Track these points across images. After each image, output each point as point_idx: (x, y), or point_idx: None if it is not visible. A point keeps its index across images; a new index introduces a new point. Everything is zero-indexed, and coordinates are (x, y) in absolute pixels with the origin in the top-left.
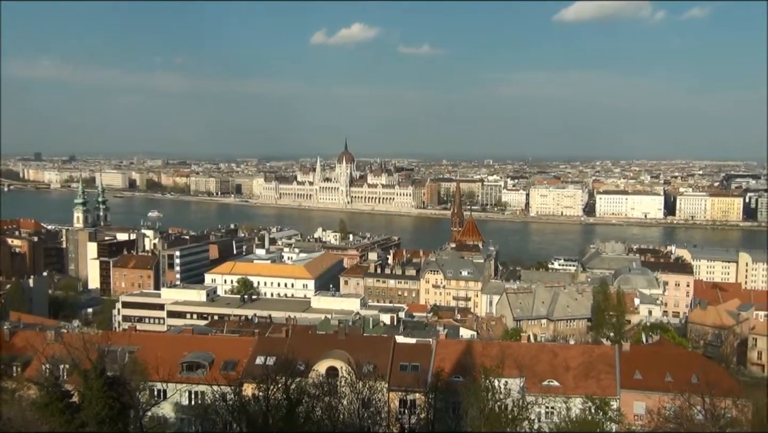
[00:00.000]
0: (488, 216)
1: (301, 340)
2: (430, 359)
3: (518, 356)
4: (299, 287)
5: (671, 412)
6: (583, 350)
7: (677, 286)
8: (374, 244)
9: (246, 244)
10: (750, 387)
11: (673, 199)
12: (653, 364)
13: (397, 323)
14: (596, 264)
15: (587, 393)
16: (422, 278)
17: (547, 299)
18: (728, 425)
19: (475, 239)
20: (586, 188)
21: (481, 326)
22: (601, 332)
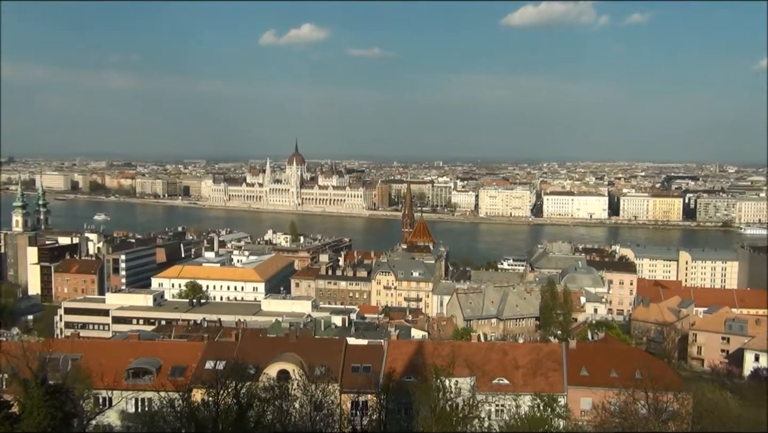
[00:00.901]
0: (439, 217)
1: (251, 343)
2: (382, 360)
3: (469, 355)
4: (249, 290)
5: (616, 407)
6: (531, 348)
7: (621, 284)
8: (325, 246)
9: (194, 247)
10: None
11: (617, 200)
12: (599, 360)
13: (348, 325)
14: (544, 264)
15: (536, 390)
16: (374, 279)
17: (497, 299)
18: (670, 419)
19: (425, 240)
20: (533, 189)
21: (432, 326)
22: (549, 330)
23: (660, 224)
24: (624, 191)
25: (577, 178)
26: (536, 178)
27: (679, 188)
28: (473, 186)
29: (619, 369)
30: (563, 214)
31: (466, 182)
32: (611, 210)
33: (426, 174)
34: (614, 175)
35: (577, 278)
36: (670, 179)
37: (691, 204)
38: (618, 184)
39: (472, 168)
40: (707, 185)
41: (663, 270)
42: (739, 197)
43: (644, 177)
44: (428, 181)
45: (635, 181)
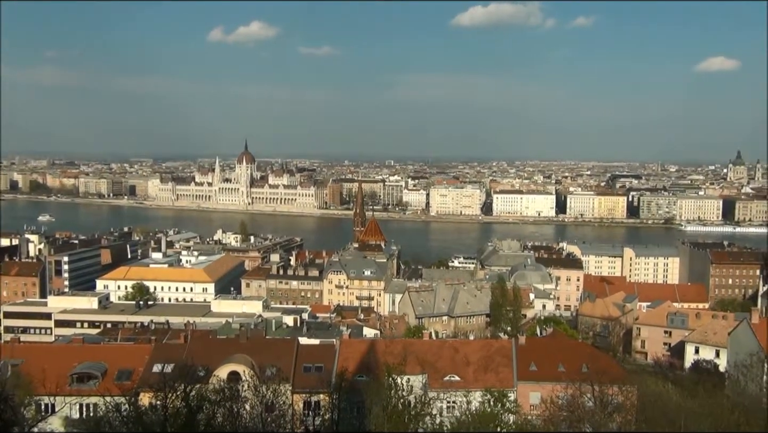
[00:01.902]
0: (390, 216)
1: (200, 345)
2: (334, 360)
3: (420, 353)
4: (198, 291)
5: (564, 400)
6: (482, 345)
7: (568, 280)
8: (276, 245)
9: (141, 248)
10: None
11: (564, 198)
12: (547, 355)
13: (300, 325)
14: (494, 261)
15: (486, 386)
16: (325, 278)
17: (448, 297)
18: (615, 411)
19: (377, 238)
20: (483, 188)
21: (384, 324)
22: (499, 327)
23: (605, 221)
24: (571, 190)
25: (525, 177)
26: (486, 177)
27: (623, 187)
28: (424, 185)
29: (567, 364)
30: (512, 212)
31: (417, 181)
32: (558, 208)
33: (377, 173)
34: (561, 174)
35: (526, 275)
36: (615, 178)
37: (634, 202)
38: (565, 183)
39: (423, 167)
40: (650, 184)
41: (608, 266)
42: (680, 195)
43: (590, 176)
44: (380, 180)
45: (581, 180)
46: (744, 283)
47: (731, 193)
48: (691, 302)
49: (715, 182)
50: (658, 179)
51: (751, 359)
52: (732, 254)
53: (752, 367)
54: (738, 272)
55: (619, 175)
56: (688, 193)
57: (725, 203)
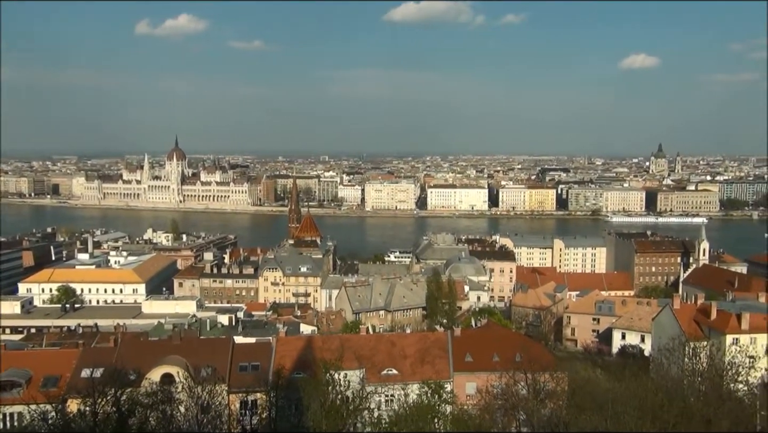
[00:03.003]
0: (325, 212)
1: (131, 348)
2: (271, 358)
3: (358, 347)
4: (129, 292)
5: (498, 389)
6: (418, 338)
7: (502, 272)
8: (209, 243)
9: (66, 249)
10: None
11: (496, 192)
12: (482, 346)
13: (235, 324)
14: (429, 255)
15: (424, 378)
16: (260, 276)
17: (385, 291)
18: (547, 397)
19: (312, 234)
20: (418, 183)
21: (321, 320)
22: (435, 319)
23: (536, 214)
24: (503, 184)
25: (459, 171)
26: (420, 171)
27: (553, 180)
28: (359, 180)
29: (501, 353)
30: (447, 206)
31: (352, 177)
32: (491, 202)
33: (312, 169)
34: (493, 168)
35: (461, 267)
36: (545, 171)
37: (563, 195)
38: (497, 177)
39: (357, 162)
40: (578, 177)
41: (539, 257)
42: (606, 187)
43: (521, 169)
44: (314, 176)
45: (513, 173)
46: (666, 270)
47: (653, 185)
48: (618, 290)
49: (638, 175)
50: (586, 172)
51: (673, 342)
52: (655, 243)
53: (674, 350)
54: (660, 260)
55: (548, 169)
56: (614, 186)
57: (648, 195)
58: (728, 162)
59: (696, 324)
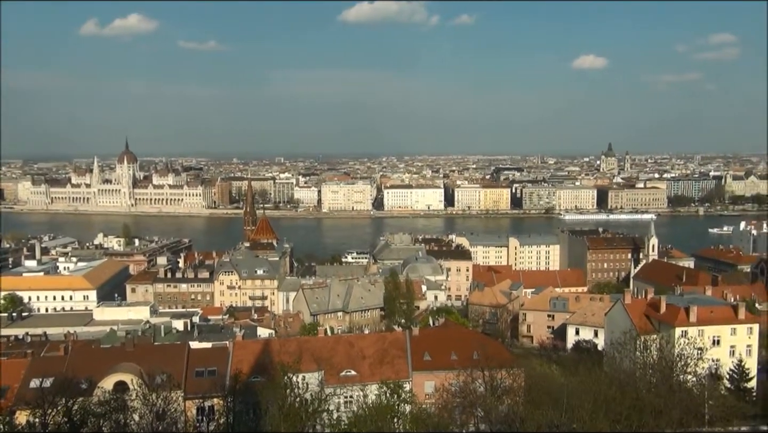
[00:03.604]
0: (281, 214)
1: (83, 356)
2: (227, 362)
3: (316, 349)
4: (79, 298)
5: (457, 387)
6: (377, 338)
7: (458, 271)
8: (163, 247)
9: (12, 255)
10: (522, 357)
11: (452, 192)
12: (440, 345)
13: (191, 329)
14: (386, 255)
15: (382, 379)
16: (216, 279)
17: (342, 292)
18: (505, 393)
19: (269, 237)
20: (374, 184)
21: (279, 323)
22: (393, 320)
23: (491, 213)
24: (458, 183)
25: (414, 171)
26: (376, 172)
27: (507, 179)
28: (315, 181)
29: (459, 352)
30: (403, 206)
31: (308, 178)
32: (447, 201)
33: (267, 170)
34: (449, 168)
35: (418, 267)
36: (499, 171)
37: (517, 194)
38: (452, 177)
39: (313, 164)
40: (531, 176)
41: (495, 256)
42: (559, 186)
43: (475, 169)
44: (270, 178)
45: (468, 173)
46: (617, 266)
47: (604, 183)
48: (571, 287)
49: (589, 173)
50: (539, 171)
51: (625, 336)
52: (606, 240)
53: (626, 344)
54: (612, 256)
55: (502, 168)
56: (566, 184)
57: (599, 192)
58: (675, 160)
59: (646, 318)
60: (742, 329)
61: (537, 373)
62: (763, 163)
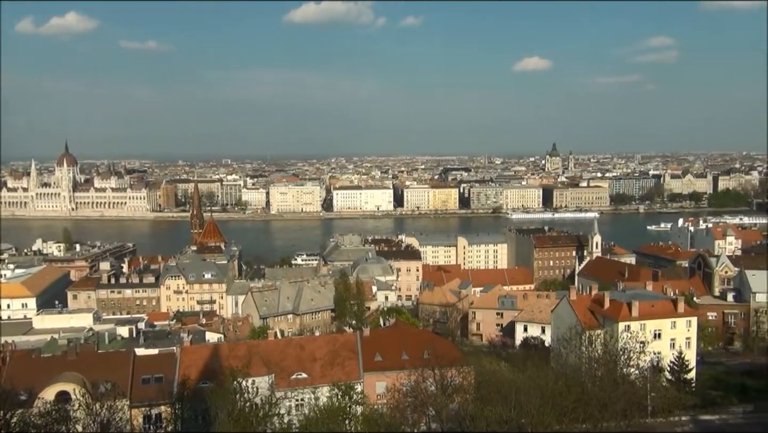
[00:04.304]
0: (229, 216)
1: (21, 366)
2: (175, 369)
3: (266, 353)
4: (17, 306)
5: (408, 387)
6: (328, 340)
7: (408, 271)
8: (106, 252)
9: None
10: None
11: (401, 192)
12: (391, 345)
13: (136, 335)
14: (336, 256)
15: (334, 380)
16: (162, 284)
17: (292, 295)
18: (455, 392)
19: (216, 240)
20: (323, 185)
21: (228, 327)
22: (344, 321)
23: (440, 213)
24: (407, 184)
25: (363, 172)
26: (325, 173)
27: (455, 179)
28: (263, 183)
29: (410, 351)
30: (353, 207)
31: (256, 180)
32: (396, 202)
33: (214, 172)
34: (398, 169)
35: (368, 268)
36: (447, 171)
37: (465, 194)
38: (401, 178)
39: (261, 165)
40: (478, 176)
41: (444, 255)
42: (506, 186)
43: (424, 170)
44: (217, 180)
45: (416, 174)
46: (563, 264)
47: (549, 182)
48: (519, 285)
49: (535, 173)
50: (486, 171)
51: (571, 332)
52: (552, 238)
53: (571, 339)
54: (557, 254)
55: (450, 169)
56: (513, 184)
57: (544, 192)
58: (616, 159)
59: (591, 314)
60: (682, 322)
61: (486, 370)
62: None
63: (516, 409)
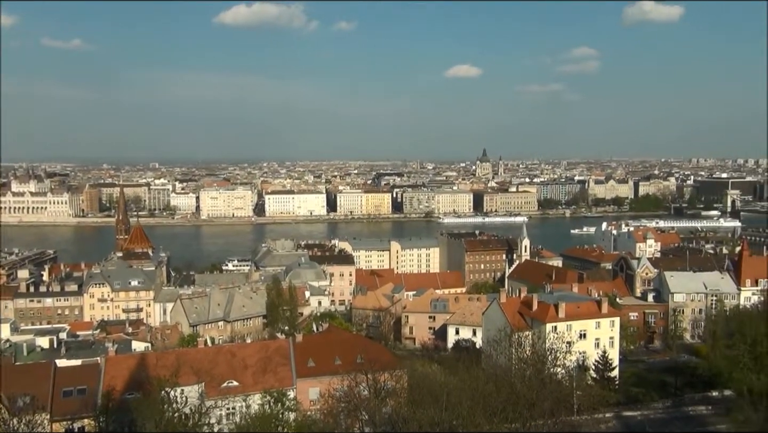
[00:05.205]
0: (157, 221)
1: None
2: (99, 380)
3: (195, 361)
4: None
5: (341, 392)
6: (260, 347)
7: (342, 276)
8: (24, 260)
9: None
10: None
11: (335, 197)
12: (324, 351)
13: (57, 346)
14: (268, 262)
15: (266, 388)
16: (86, 292)
17: (223, 301)
18: (388, 395)
19: (143, 246)
20: (255, 189)
21: (156, 336)
22: (277, 327)
23: (373, 217)
24: (340, 189)
25: (296, 177)
26: (257, 178)
27: (388, 184)
28: (193, 188)
29: (343, 356)
30: (285, 212)
31: (185, 184)
32: (330, 207)
33: (141, 176)
34: (331, 174)
35: (301, 273)
36: (380, 176)
37: (398, 198)
38: (334, 182)
39: (191, 169)
40: (411, 181)
41: (377, 260)
42: (437, 191)
43: (357, 174)
44: (144, 184)
45: (350, 178)
46: (493, 267)
47: (480, 187)
48: (451, 288)
49: (466, 178)
50: (418, 176)
51: (500, 334)
52: (482, 242)
53: (501, 341)
54: (488, 258)
55: (383, 174)
56: (444, 189)
57: (475, 196)
58: (544, 165)
59: (520, 315)
60: (606, 322)
61: (419, 373)
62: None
63: (448, 410)
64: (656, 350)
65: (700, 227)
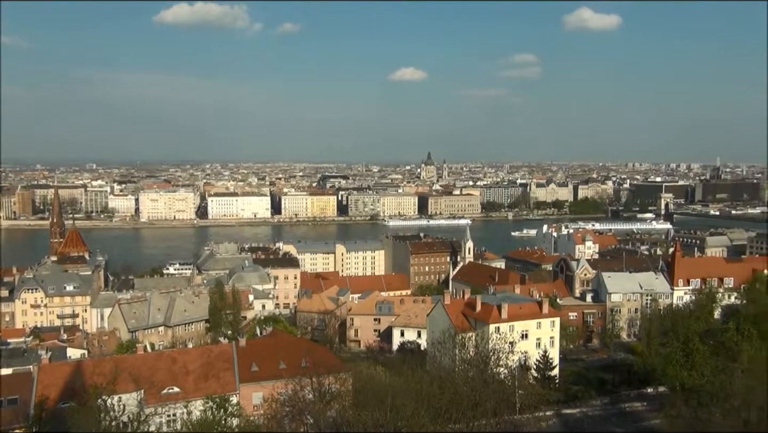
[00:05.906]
0: (94, 224)
1: None
2: (32, 389)
3: (134, 368)
4: None
5: (285, 396)
6: (202, 352)
7: (286, 279)
8: None
9: None
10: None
11: (279, 200)
12: (268, 355)
13: None
14: (211, 265)
15: (208, 393)
16: (17, 298)
17: (164, 306)
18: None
19: (79, 249)
20: (197, 191)
21: (92, 343)
22: (219, 331)
23: (318, 220)
24: (285, 191)
25: (240, 179)
26: (199, 179)
27: (333, 187)
28: (132, 189)
29: (287, 360)
30: (228, 214)
31: (124, 186)
32: (274, 209)
33: (77, 178)
34: (275, 176)
35: (245, 276)
36: (325, 178)
37: (343, 201)
38: (279, 185)
39: (130, 171)
40: (356, 183)
41: (323, 262)
42: (382, 193)
43: (302, 177)
44: (80, 186)
45: (294, 180)
46: (438, 269)
47: (424, 190)
48: (396, 290)
49: (411, 181)
50: (363, 179)
51: (444, 335)
52: (427, 245)
53: (445, 342)
54: (433, 260)
55: (328, 176)
56: (389, 192)
57: (420, 199)
58: (487, 168)
59: (464, 317)
60: (546, 322)
61: (364, 376)
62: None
63: (392, 412)
64: (594, 348)
65: (636, 229)
